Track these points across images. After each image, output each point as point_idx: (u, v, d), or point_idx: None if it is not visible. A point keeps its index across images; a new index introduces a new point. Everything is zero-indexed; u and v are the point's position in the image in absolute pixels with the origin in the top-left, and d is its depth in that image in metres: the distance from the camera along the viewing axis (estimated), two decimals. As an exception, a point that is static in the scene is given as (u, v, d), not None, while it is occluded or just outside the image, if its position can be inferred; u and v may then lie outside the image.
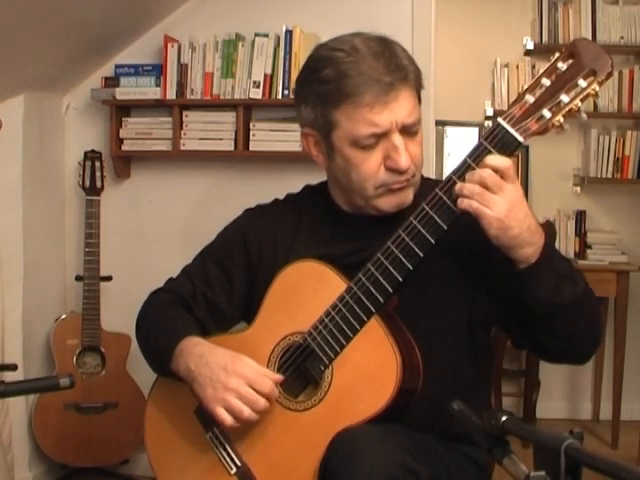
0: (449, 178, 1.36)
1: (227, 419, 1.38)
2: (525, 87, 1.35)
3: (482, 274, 1.46)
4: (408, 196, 1.45)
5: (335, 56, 1.40)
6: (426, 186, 1.48)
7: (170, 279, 1.68)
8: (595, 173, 4.00)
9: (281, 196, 1.68)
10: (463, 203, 1.30)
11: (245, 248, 1.59)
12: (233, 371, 1.39)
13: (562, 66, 1.32)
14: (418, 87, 1.44)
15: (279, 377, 1.42)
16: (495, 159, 1.30)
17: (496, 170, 1.29)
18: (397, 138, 1.39)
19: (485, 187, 1.29)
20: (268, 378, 1.39)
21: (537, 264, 1.32)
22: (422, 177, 1.54)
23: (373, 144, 1.40)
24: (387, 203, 1.45)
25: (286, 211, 1.61)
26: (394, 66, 1.38)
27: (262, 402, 1.37)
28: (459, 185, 1.31)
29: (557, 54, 1.34)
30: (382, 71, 1.37)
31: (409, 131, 1.41)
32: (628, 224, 4.06)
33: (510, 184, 1.29)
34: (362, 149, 1.41)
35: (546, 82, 1.32)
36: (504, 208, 1.28)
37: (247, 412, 1.37)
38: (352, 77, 1.37)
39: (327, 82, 1.40)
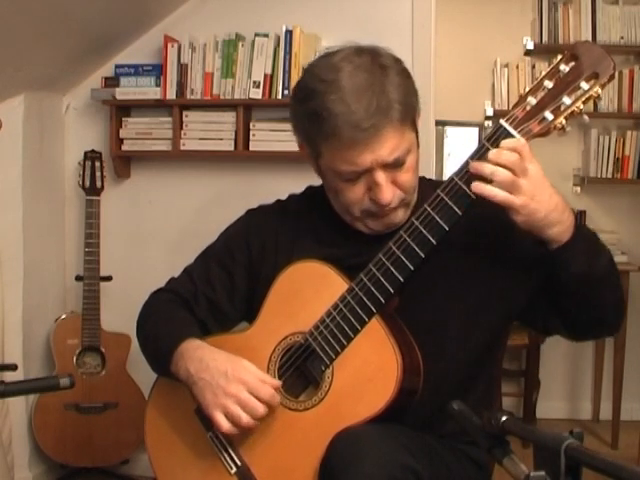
0: (451, 179, 1.36)
1: (225, 425, 1.38)
2: (527, 89, 1.35)
3: (506, 262, 1.45)
4: (397, 217, 1.45)
5: (318, 90, 1.37)
6: (428, 187, 1.48)
7: (172, 279, 1.68)
8: (595, 173, 4.01)
9: (281, 196, 1.68)
10: (484, 191, 1.27)
11: (247, 248, 1.59)
12: (233, 377, 1.39)
13: (564, 68, 1.33)
14: (408, 119, 1.40)
15: (278, 383, 1.42)
16: (511, 141, 1.29)
17: (516, 152, 1.28)
18: (379, 175, 1.39)
19: (512, 172, 1.28)
20: (268, 385, 1.39)
21: (569, 243, 1.32)
22: (423, 178, 1.55)
23: (355, 178, 1.40)
24: (375, 224, 1.46)
25: (288, 212, 1.61)
26: (376, 107, 1.34)
27: (261, 409, 1.38)
28: (490, 169, 1.27)
29: (559, 56, 1.34)
30: (361, 115, 1.33)
31: (394, 165, 1.40)
32: (628, 224, 4.06)
33: (531, 165, 1.29)
34: (345, 181, 1.42)
35: (548, 84, 1.33)
36: (530, 192, 1.28)
37: (245, 418, 1.37)
38: (331, 118, 1.35)
39: (309, 117, 1.40)
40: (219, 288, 1.60)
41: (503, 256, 1.46)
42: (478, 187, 1.29)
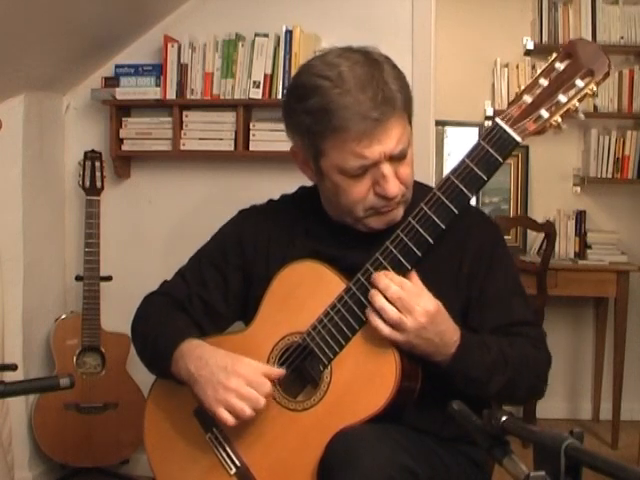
0: (447, 178, 1.37)
1: (229, 419, 1.38)
2: (523, 87, 1.35)
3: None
4: (398, 214, 1.45)
5: (321, 85, 1.37)
6: (416, 190, 1.48)
7: (164, 282, 1.68)
8: (595, 173, 4.00)
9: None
10: (371, 322, 1.35)
11: (240, 249, 1.59)
12: (233, 371, 1.39)
13: (560, 66, 1.33)
14: (407, 111, 1.43)
15: (280, 371, 1.42)
16: (400, 280, 1.34)
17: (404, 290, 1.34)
18: (386, 167, 1.39)
19: (397, 308, 1.33)
20: (266, 379, 1.39)
21: (447, 369, 1.38)
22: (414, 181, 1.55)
23: (362, 173, 1.40)
24: (377, 222, 1.46)
25: (281, 212, 1.61)
26: (381, 98, 1.35)
27: (262, 401, 1.38)
28: (380, 304, 1.34)
29: (555, 54, 1.35)
30: (369, 105, 1.34)
31: (398, 157, 1.40)
32: (628, 224, 4.06)
33: (418, 306, 1.32)
34: (350, 177, 1.41)
35: (544, 82, 1.33)
36: (414, 330, 1.33)
37: (248, 411, 1.37)
38: (338, 111, 1.35)
39: (313, 113, 1.39)
40: (213, 289, 1.59)
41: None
42: (370, 316, 1.35)
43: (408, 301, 1.32)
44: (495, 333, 1.45)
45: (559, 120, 1.33)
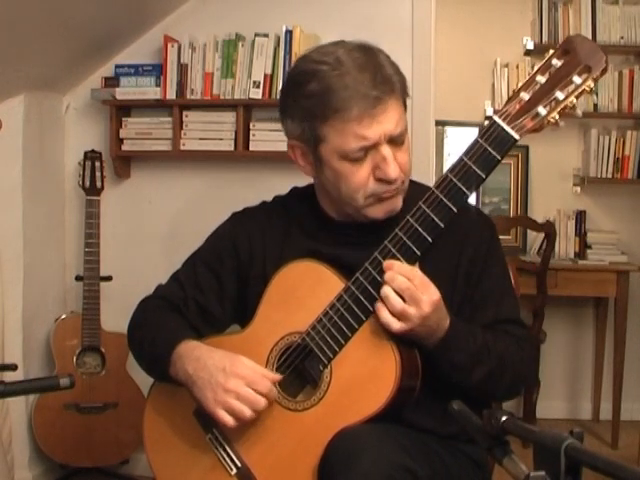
0: (445, 176, 1.37)
1: (229, 421, 1.38)
2: (520, 85, 1.35)
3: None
4: (398, 203, 1.46)
5: (320, 69, 1.39)
6: (414, 190, 1.48)
7: (159, 286, 1.67)
8: (595, 173, 4.00)
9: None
10: (380, 318, 1.35)
11: (234, 251, 1.59)
12: (231, 372, 1.38)
13: (557, 63, 1.33)
14: (404, 95, 1.44)
15: (277, 376, 1.42)
16: (406, 269, 1.35)
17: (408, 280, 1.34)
18: (386, 149, 1.39)
19: (403, 298, 1.34)
20: (266, 378, 1.39)
21: (434, 352, 1.39)
22: (410, 181, 1.55)
23: (362, 156, 1.40)
24: (377, 211, 1.46)
25: (274, 213, 1.61)
26: (380, 78, 1.37)
27: (262, 402, 1.38)
28: (384, 293, 1.34)
29: (551, 51, 1.35)
30: (368, 85, 1.36)
31: (396, 141, 1.41)
32: (628, 224, 4.06)
33: (424, 295, 1.33)
34: (351, 162, 1.41)
35: (541, 79, 1.33)
36: (418, 320, 1.33)
37: (248, 412, 1.37)
38: (338, 91, 1.36)
39: (313, 97, 1.39)
40: (208, 292, 1.59)
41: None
42: (379, 311, 1.35)
43: (415, 291, 1.33)
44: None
45: (557, 117, 1.32)
